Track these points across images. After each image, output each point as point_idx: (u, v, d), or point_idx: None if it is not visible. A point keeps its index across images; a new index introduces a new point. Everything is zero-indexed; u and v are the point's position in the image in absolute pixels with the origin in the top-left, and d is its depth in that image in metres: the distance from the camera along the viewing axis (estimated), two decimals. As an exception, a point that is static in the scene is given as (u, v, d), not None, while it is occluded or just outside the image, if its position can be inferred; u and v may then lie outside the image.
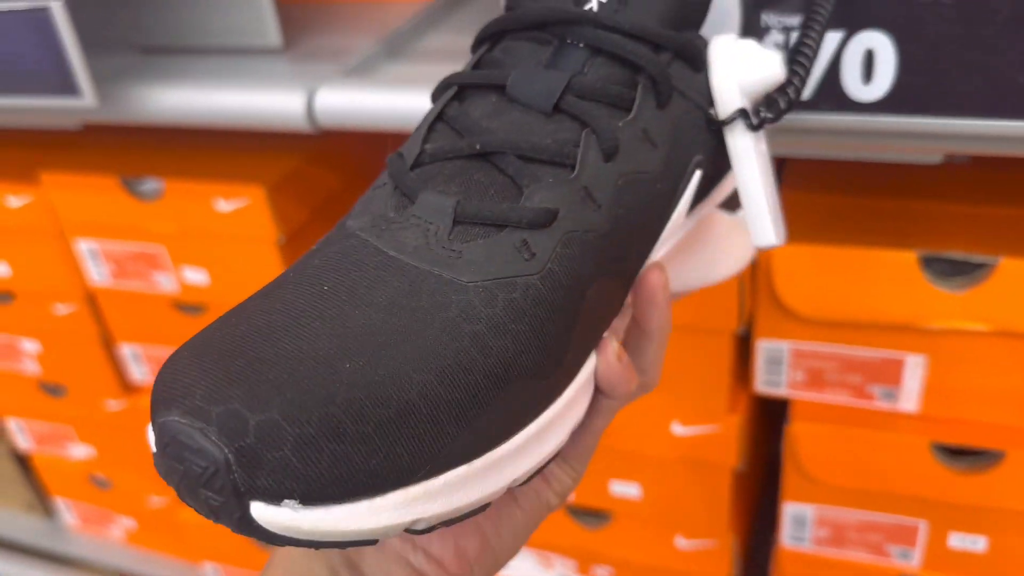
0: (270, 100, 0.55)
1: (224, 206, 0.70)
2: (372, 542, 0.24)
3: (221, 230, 0.71)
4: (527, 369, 0.26)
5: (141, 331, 0.83)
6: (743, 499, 0.76)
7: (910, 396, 0.61)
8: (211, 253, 0.74)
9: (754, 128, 0.30)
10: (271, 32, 0.62)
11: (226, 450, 0.21)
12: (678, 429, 0.67)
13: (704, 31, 0.32)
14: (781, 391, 0.63)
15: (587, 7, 0.29)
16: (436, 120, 0.30)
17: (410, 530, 0.24)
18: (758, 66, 0.29)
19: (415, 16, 0.66)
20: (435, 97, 0.31)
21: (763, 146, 0.30)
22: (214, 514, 0.23)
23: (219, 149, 0.74)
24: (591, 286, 0.28)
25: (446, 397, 0.24)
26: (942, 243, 0.55)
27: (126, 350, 0.85)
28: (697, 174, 0.31)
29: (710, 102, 0.30)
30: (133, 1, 0.65)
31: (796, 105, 0.30)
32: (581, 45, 0.29)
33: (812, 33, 0.32)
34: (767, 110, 0.30)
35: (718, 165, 0.31)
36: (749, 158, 0.30)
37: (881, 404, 0.62)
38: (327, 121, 0.54)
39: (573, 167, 0.28)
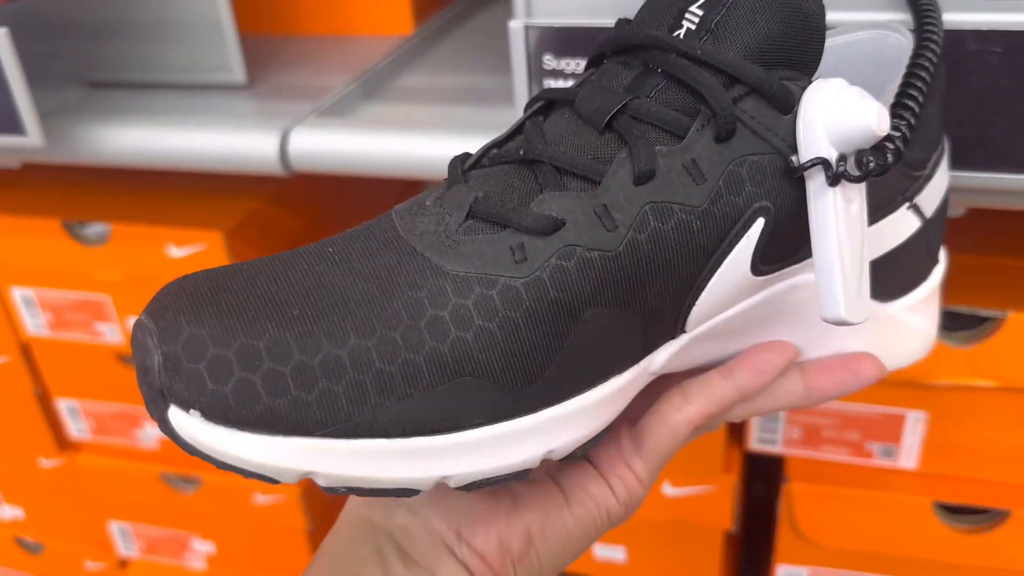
0: (238, 141, 0.50)
1: (176, 252, 0.65)
2: (273, 481, 0.24)
3: (173, 278, 0.65)
4: (485, 371, 0.25)
5: (81, 385, 0.76)
6: (730, 560, 0.73)
7: (910, 453, 0.58)
8: (161, 302, 0.68)
9: (832, 182, 0.26)
10: (235, 67, 0.58)
11: (158, 352, 0.24)
12: (669, 490, 0.63)
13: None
14: (776, 448, 0.60)
15: (676, 33, 0.28)
16: (515, 131, 0.30)
17: (322, 486, 0.25)
18: (852, 114, 0.26)
19: (391, 53, 0.63)
20: (526, 109, 0.31)
21: (855, 208, 0.27)
22: (149, 407, 0.25)
23: (171, 190, 0.69)
24: (589, 309, 0.26)
25: (378, 366, 0.24)
26: (947, 295, 0.53)
27: (63, 405, 0.78)
28: (759, 222, 0.28)
29: (795, 149, 0.27)
30: (83, 30, 0.59)
31: (892, 167, 0.27)
32: (659, 71, 0.28)
33: (917, 83, 0.29)
34: (855, 167, 0.26)
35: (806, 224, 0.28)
36: (824, 214, 0.27)
37: (880, 461, 0.59)
38: (301, 164, 0.50)
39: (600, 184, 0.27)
